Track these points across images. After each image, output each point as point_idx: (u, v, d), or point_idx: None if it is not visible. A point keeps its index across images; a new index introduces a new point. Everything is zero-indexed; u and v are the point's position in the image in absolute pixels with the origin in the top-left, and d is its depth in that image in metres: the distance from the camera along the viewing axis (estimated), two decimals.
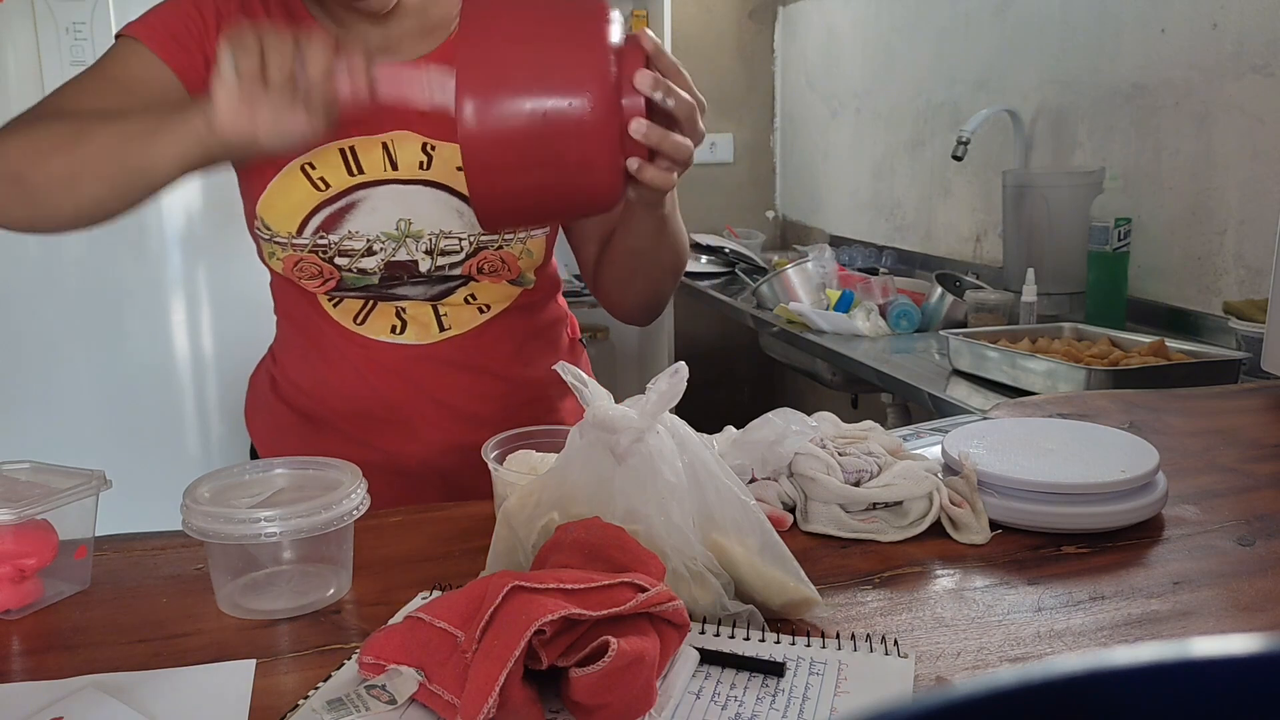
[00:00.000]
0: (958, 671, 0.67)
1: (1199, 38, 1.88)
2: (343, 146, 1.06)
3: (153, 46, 1.03)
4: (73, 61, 2.33)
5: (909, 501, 0.88)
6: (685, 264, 1.15)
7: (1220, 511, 0.92)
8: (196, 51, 1.04)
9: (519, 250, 1.12)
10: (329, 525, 0.75)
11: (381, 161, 1.07)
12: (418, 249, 1.08)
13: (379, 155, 1.07)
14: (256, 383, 1.26)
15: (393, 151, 1.07)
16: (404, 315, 1.13)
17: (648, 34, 0.84)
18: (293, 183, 1.06)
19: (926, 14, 2.75)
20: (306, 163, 1.06)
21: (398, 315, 1.13)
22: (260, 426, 1.24)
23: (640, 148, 0.83)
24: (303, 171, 1.06)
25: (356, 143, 1.06)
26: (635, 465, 0.71)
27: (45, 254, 2.40)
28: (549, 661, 0.59)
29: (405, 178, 1.08)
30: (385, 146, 1.07)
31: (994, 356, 1.72)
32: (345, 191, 1.07)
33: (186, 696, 0.65)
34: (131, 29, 1.05)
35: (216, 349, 2.55)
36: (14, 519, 0.73)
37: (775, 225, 3.71)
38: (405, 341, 1.13)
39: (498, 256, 1.11)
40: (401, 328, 1.13)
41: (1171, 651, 0.23)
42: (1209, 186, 1.88)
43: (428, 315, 1.13)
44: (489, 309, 1.15)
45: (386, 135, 1.07)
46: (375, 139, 1.07)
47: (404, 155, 1.07)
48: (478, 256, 1.10)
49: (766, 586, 0.72)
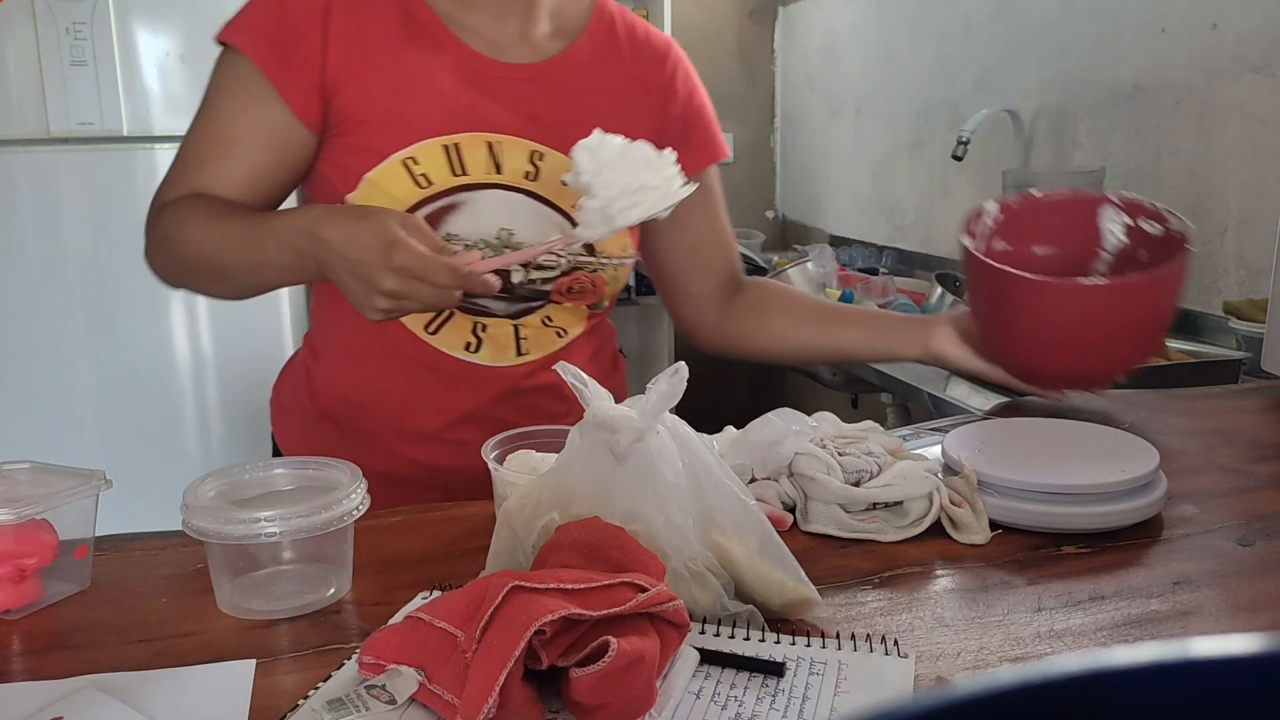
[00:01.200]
0: (958, 671, 0.67)
1: (1199, 38, 1.88)
2: (446, 143, 1.02)
3: (264, 68, 1.00)
4: (73, 61, 2.33)
5: (909, 501, 0.88)
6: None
7: (1220, 511, 0.92)
8: (303, 59, 1.00)
9: (610, 275, 1.10)
10: (329, 525, 0.75)
11: (486, 163, 1.03)
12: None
13: (484, 156, 1.03)
14: (288, 382, 1.20)
15: (498, 154, 1.04)
16: (481, 333, 1.07)
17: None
18: (393, 176, 1.01)
19: (926, 14, 2.75)
20: (409, 157, 1.01)
21: (474, 332, 1.07)
22: (289, 430, 1.18)
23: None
24: (404, 166, 1.01)
25: (461, 140, 1.02)
26: (635, 465, 0.71)
27: (45, 254, 2.40)
28: (549, 661, 0.59)
29: (510, 184, 1.04)
30: (490, 147, 1.03)
31: None
32: (448, 191, 1.02)
33: (186, 696, 0.65)
34: (234, 35, 1.02)
35: (216, 349, 2.55)
36: (14, 519, 0.73)
37: (775, 225, 3.71)
38: (479, 361, 1.08)
39: (590, 279, 1.08)
40: (476, 345, 1.08)
41: (1171, 651, 0.23)
42: (1209, 186, 1.88)
43: (507, 336, 1.08)
44: (566, 333, 1.12)
45: (493, 135, 1.03)
46: (480, 137, 1.03)
47: (510, 160, 1.04)
48: (571, 276, 1.07)
49: (766, 586, 0.72)
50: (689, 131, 1.17)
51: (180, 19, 2.39)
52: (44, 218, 2.37)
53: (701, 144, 1.18)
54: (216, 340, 2.54)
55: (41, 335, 2.44)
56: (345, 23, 1.02)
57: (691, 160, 1.12)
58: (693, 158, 1.14)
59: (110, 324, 2.45)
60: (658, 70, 1.15)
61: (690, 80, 1.18)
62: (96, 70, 2.35)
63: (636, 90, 1.13)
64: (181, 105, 2.41)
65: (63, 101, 2.33)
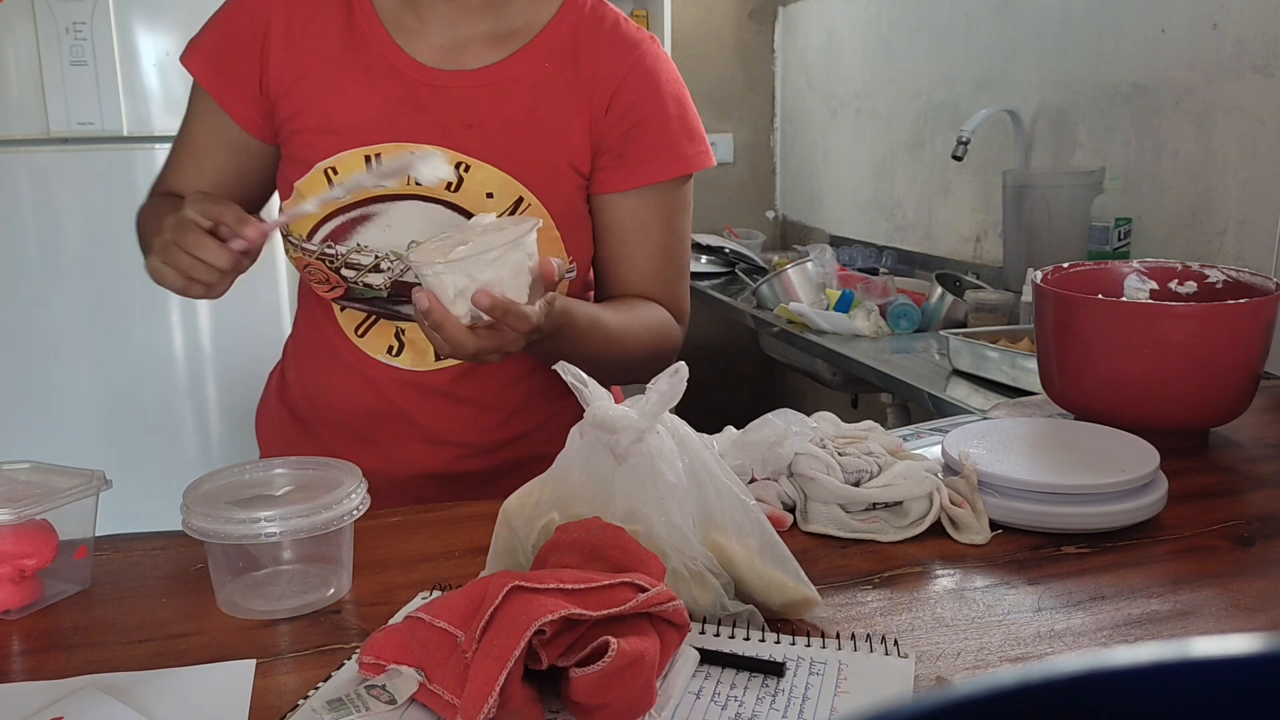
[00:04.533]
0: (958, 671, 0.67)
1: (1199, 38, 1.88)
2: (369, 153, 1.02)
3: (207, 87, 1.07)
4: (73, 61, 2.33)
5: (909, 501, 0.88)
6: (644, 358, 1.07)
7: (1220, 511, 0.92)
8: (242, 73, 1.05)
9: None
10: (329, 525, 0.75)
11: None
12: None
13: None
14: (269, 384, 1.24)
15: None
16: (403, 337, 1.09)
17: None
18: (315, 185, 1.02)
19: (926, 14, 2.75)
20: (331, 166, 1.02)
21: (396, 336, 1.09)
22: (264, 427, 1.23)
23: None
24: (326, 175, 1.02)
25: (384, 150, 1.02)
26: (635, 465, 0.71)
27: (45, 254, 2.40)
28: (549, 661, 0.59)
29: (429, 195, 1.02)
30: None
31: (994, 356, 1.72)
32: (364, 201, 1.02)
33: (186, 696, 0.65)
34: (185, 55, 1.09)
35: (216, 349, 2.55)
36: (14, 519, 0.73)
37: (775, 225, 3.71)
38: (399, 365, 1.09)
39: None
40: (398, 349, 1.09)
41: (1171, 651, 0.23)
42: (1209, 186, 1.88)
43: (426, 341, 1.06)
44: None
45: (418, 146, 1.01)
46: (404, 147, 1.01)
47: None
48: None
49: (766, 586, 0.72)
50: (630, 142, 1.06)
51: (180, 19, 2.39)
52: (44, 218, 2.37)
53: (647, 156, 1.06)
54: (216, 341, 2.54)
55: (41, 335, 2.43)
56: (288, 34, 1.05)
57: (633, 173, 1.06)
58: (634, 170, 1.06)
59: (110, 324, 2.45)
60: (613, 69, 1.05)
61: (649, 83, 1.06)
62: (96, 70, 2.35)
63: (582, 91, 1.05)
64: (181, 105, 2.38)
65: (63, 101, 2.33)
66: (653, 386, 0.72)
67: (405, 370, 1.09)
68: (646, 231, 1.09)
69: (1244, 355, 1.04)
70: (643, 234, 1.09)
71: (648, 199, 1.08)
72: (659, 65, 1.07)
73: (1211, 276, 1.16)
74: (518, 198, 1.03)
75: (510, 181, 1.02)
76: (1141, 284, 1.17)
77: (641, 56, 1.06)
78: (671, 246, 1.11)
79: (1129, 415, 1.03)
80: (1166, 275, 1.18)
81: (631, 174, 1.06)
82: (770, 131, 3.69)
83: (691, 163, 1.08)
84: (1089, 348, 1.06)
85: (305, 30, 1.04)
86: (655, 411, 0.71)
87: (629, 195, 1.07)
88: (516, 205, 1.03)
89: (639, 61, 1.06)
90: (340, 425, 1.13)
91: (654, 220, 1.09)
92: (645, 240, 1.09)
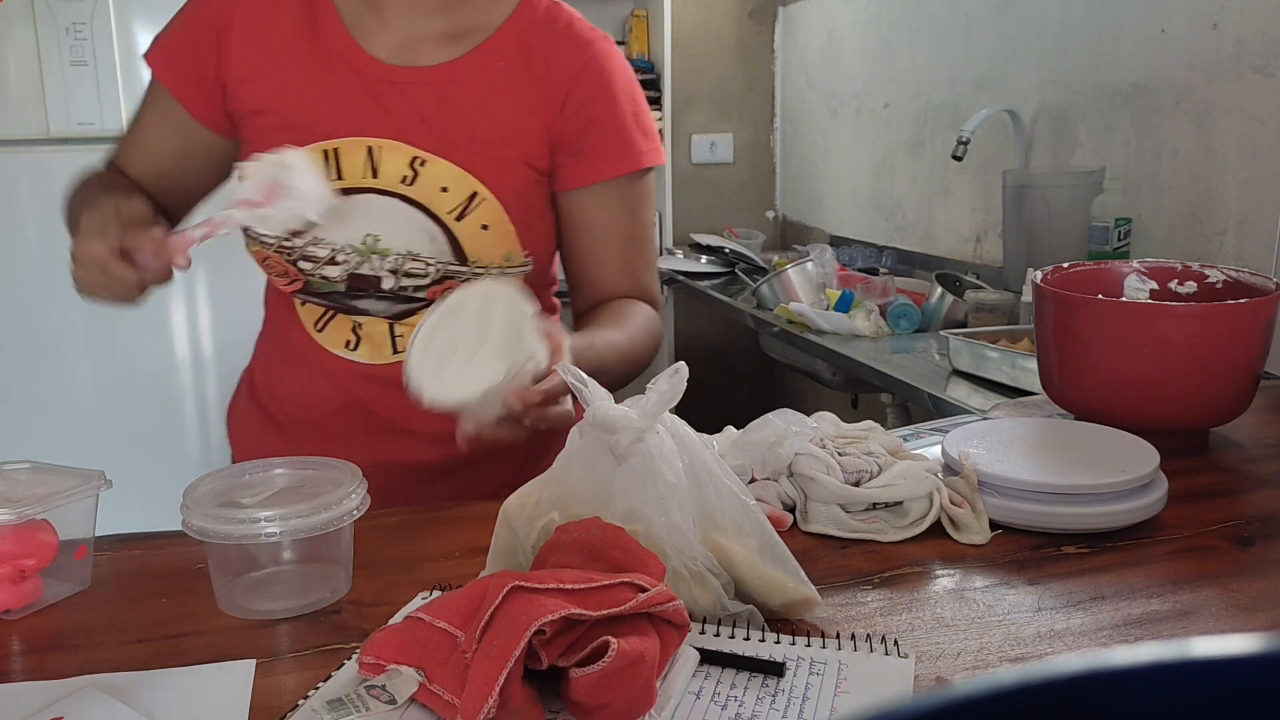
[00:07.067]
0: (958, 671, 0.67)
1: (1199, 38, 1.88)
2: (326, 148, 1.04)
3: (165, 82, 1.11)
4: (73, 61, 2.33)
5: (909, 501, 0.88)
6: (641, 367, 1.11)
7: (1220, 511, 0.92)
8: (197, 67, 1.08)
9: None
10: (329, 525, 0.75)
11: (363, 167, 1.04)
12: (382, 266, 1.05)
13: (361, 161, 1.04)
14: (240, 382, 1.26)
15: (376, 159, 1.04)
16: (359, 331, 1.10)
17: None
18: None
19: (926, 14, 2.75)
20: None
21: (354, 330, 1.10)
22: (235, 426, 1.24)
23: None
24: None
25: (340, 145, 1.04)
26: (635, 465, 0.71)
27: (45, 254, 2.39)
28: (549, 661, 0.59)
29: (385, 188, 1.05)
30: (370, 152, 1.04)
31: (994, 356, 1.72)
32: None
33: (186, 696, 0.65)
34: (149, 56, 1.12)
35: (216, 349, 2.55)
36: (14, 519, 0.73)
37: (775, 225, 3.71)
38: (356, 359, 1.10)
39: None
40: (355, 343, 1.10)
41: (1171, 651, 0.23)
42: (1209, 186, 1.88)
43: (383, 335, 1.09)
44: None
45: (374, 140, 1.04)
46: (360, 142, 1.04)
47: (388, 165, 1.04)
48: (443, 284, 1.06)
49: (766, 586, 0.72)
50: (585, 139, 1.08)
51: None
52: (44, 218, 2.37)
53: (604, 152, 1.09)
54: (216, 340, 2.54)
55: (41, 335, 2.44)
56: (247, 29, 1.07)
57: (590, 169, 1.09)
58: (590, 166, 1.09)
59: (110, 324, 2.45)
60: (567, 67, 1.08)
61: (602, 81, 1.09)
62: (96, 70, 2.35)
63: (537, 89, 1.07)
64: None
65: (63, 101, 2.33)
66: (653, 386, 0.72)
67: (363, 364, 1.11)
68: (611, 226, 1.13)
69: (1244, 355, 1.04)
70: (608, 228, 1.13)
71: (610, 194, 1.11)
72: (612, 63, 1.10)
73: (1211, 276, 1.16)
74: (472, 192, 1.05)
75: (464, 176, 1.05)
76: (1141, 284, 1.17)
77: (595, 55, 1.09)
78: (638, 237, 1.15)
79: (1129, 415, 1.03)
80: (1166, 275, 1.18)
81: (590, 170, 1.10)
82: (770, 131, 3.69)
83: (646, 158, 1.12)
84: (1089, 348, 1.06)
85: (266, 26, 1.07)
86: (655, 411, 0.71)
87: (591, 192, 1.10)
88: (470, 199, 1.05)
89: (593, 59, 1.09)
90: (306, 420, 1.14)
91: (618, 214, 1.12)
92: (611, 234, 1.13)
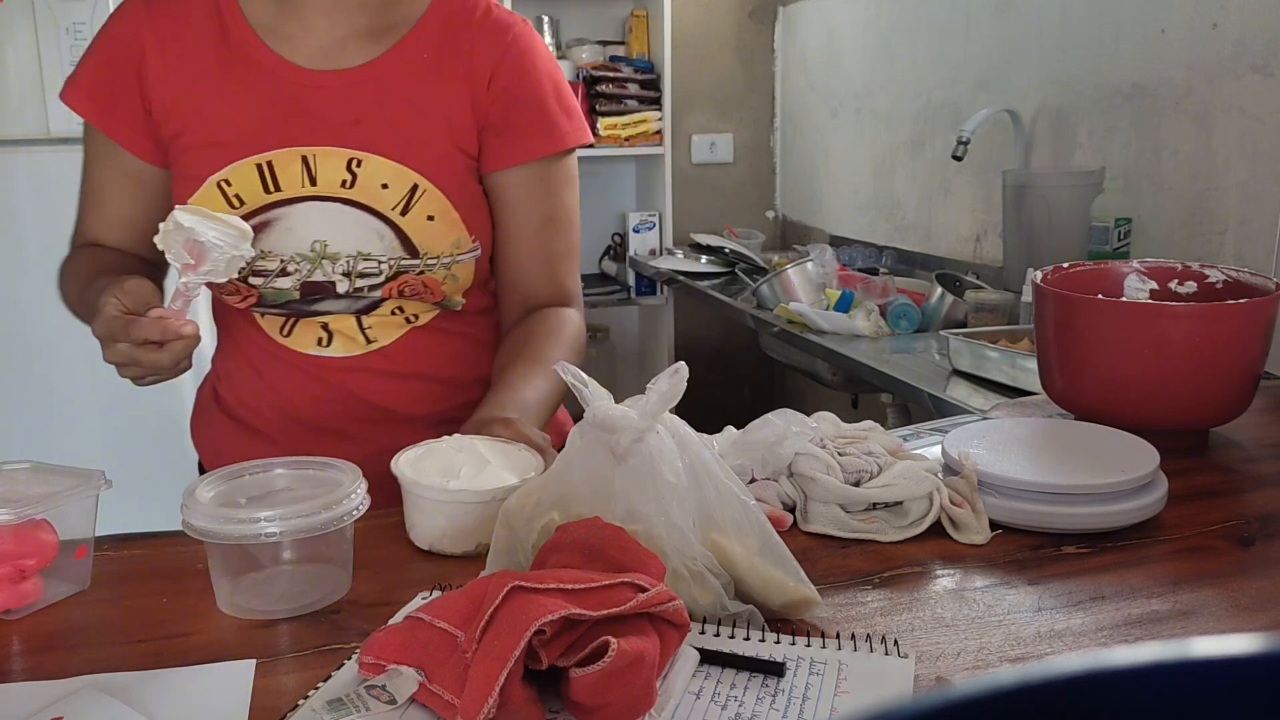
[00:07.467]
0: (958, 671, 0.67)
1: (1199, 38, 1.88)
2: (260, 161, 1.04)
3: (99, 125, 1.08)
4: (73, 61, 2.32)
5: (909, 501, 0.88)
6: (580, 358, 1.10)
7: (1220, 511, 0.92)
8: (124, 102, 1.07)
9: (442, 275, 1.09)
10: (329, 525, 0.75)
11: (300, 177, 1.04)
12: (334, 270, 1.06)
13: (298, 170, 1.04)
14: (201, 395, 1.24)
15: (313, 167, 1.04)
16: (329, 329, 1.11)
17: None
18: (209, 199, 1.04)
19: (926, 14, 2.75)
20: (223, 179, 1.04)
21: (323, 328, 1.11)
22: (203, 438, 1.23)
23: None
24: (219, 188, 1.04)
25: (274, 157, 1.04)
26: (635, 465, 0.71)
27: (45, 254, 2.39)
28: (549, 661, 0.59)
29: (326, 194, 1.05)
30: (305, 161, 1.04)
31: (994, 356, 1.72)
32: (262, 209, 1.05)
33: (186, 696, 0.65)
34: (66, 95, 1.10)
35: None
36: (14, 519, 0.73)
37: (775, 225, 3.71)
38: (332, 354, 1.11)
39: (419, 281, 1.08)
40: (328, 340, 1.11)
41: (1171, 651, 0.23)
42: (1209, 186, 1.88)
43: (353, 328, 1.11)
44: (417, 318, 1.13)
45: (308, 149, 1.04)
46: (295, 151, 1.04)
47: (326, 171, 1.05)
48: (398, 280, 1.07)
49: (766, 586, 0.72)
50: (509, 120, 1.10)
51: None
52: (44, 218, 2.37)
53: (528, 133, 1.10)
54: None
55: (41, 335, 2.43)
56: (162, 57, 1.06)
57: (515, 150, 1.10)
58: (516, 147, 1.10)
59: None
60: (489, 53, 1.09)
61: (524, 63, 1.10)
62: None
63: (462, 76, 1.09)
64: None
65: None
66: (652, 386, 0.72)
67: (340, 358, 1.12)
68: (532, 206, 1.13)
69: (1244, 355, 1.04)
70: (528, 209, 1.13)
71: (531, 174, 1.12)
72: (533, 46, 1.12)
73: (1211, 276, 1.16)
74: (413, 184, 1.06)
75: (403, 170, 1.05)
76: (1141, 284, 1.17)
77: (515, 39, 1.11)
78: (559, 220, 1.15)
79: (1129, 415, 1.03)
80: (1166, 275, 1.18)
81: (514, 150, 1.10)
82: (770, 131, 3.69)
83: (570, 138, 1.13)
84: (1089, 348, 1.06)
85: (179, 49, 1.07)
86: (655, 411, 0.71)
87: (514, 172, 1.11)
88: (412, 193, 1.06)
89: (514, 43, 1.11)
90: (291, 418, 1.14)
91: (538, 195, 1.13)
92: (531, 215, 1.13)
